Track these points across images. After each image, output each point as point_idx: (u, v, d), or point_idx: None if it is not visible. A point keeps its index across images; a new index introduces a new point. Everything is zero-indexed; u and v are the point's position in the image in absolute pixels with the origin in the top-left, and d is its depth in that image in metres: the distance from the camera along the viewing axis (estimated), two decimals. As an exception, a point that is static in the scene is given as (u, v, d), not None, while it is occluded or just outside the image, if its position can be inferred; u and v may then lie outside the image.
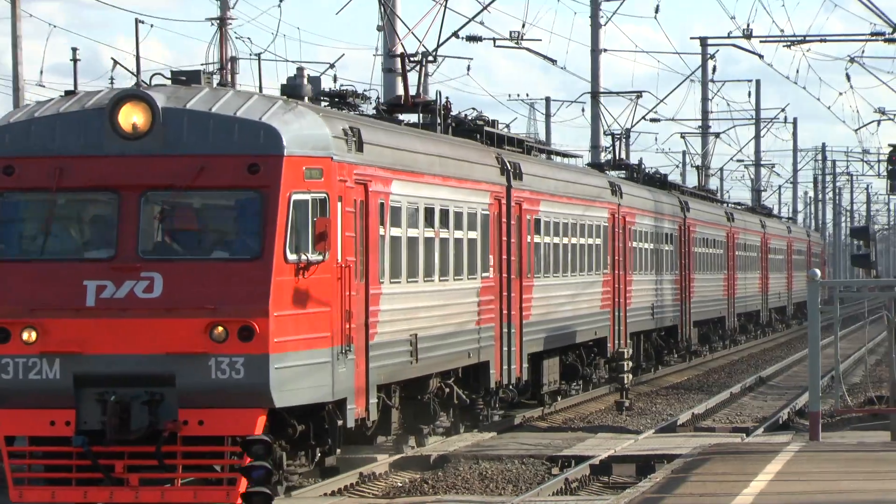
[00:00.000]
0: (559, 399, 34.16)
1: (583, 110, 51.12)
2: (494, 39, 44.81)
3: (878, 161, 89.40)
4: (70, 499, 14.05)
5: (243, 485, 13.70)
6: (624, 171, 48.16)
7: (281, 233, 14.28)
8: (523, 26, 42.68)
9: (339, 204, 15.83)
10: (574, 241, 32.76)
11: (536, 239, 28.75)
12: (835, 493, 13.10)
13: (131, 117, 14.30)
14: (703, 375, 49.36)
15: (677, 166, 66.21)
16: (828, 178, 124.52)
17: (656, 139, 76.35)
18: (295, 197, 14.55)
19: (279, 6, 37.84)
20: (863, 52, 43.16)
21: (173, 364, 13.78)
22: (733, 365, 55.97)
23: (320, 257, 14.82)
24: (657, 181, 51.30)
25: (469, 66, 65.65)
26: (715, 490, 13.37)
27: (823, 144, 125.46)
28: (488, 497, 18.79)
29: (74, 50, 24.71)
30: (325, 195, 15.20)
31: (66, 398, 13.80)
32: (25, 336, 13.95)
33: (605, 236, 36.29)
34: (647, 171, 52.05)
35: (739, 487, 13.13)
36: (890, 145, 40.67)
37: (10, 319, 14.04)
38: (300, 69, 21.47)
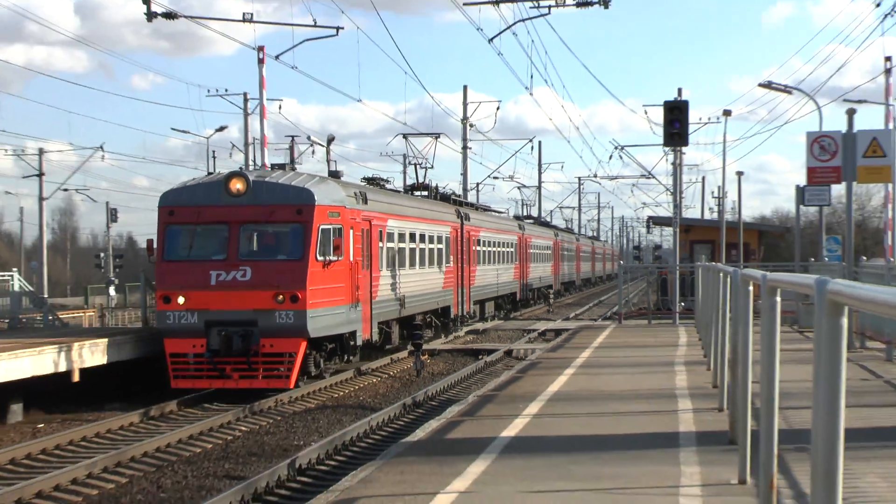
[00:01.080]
0: (496, 320, 30.98)
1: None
2: (503, 178, 48.76)
3: (644, 221, 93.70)
4: (201, 385, 12.32)
5: (294, 376, 12.07)
6: (532, 219, 46.80)
7: (314, 246, 12.41)
8: (514, 171, 47.94)
9: (351, 230, 13.86)
10: (498, 249, 30.46)
11: (477, 248, 26.35)
12: (626, 340, 14.52)
13: (236, 185, 12.40)
14: (579, 300, 48.00)
15: (566, 221, 69.46)
16: (625, 229, 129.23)
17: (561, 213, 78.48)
18: (322, 227, 12.64)
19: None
20: (637, 181, 46.00)
21: (256, 315, 11.97)
22: (589, 298, 52.46)
23: (336, 258, 12.86)
24: (545, 224, 49.23)
25: (493, 188, 70.15)
26: (586, 340, 14.42)
27: (623, 216, 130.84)
28: (501, 343, 20.53)
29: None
30: (340, 226, 13.23)
31: (201, 333, 12.04)
32: (180, 300, 12.19)
33: (515, 247, 34.01)
34: (541, 219, 50.54)
35: (594, 339, 14.67)
36: (648, 217, 45.17)
37: (172, 291, 12.29)
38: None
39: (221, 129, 35.85)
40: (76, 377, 11.52)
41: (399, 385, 14.40)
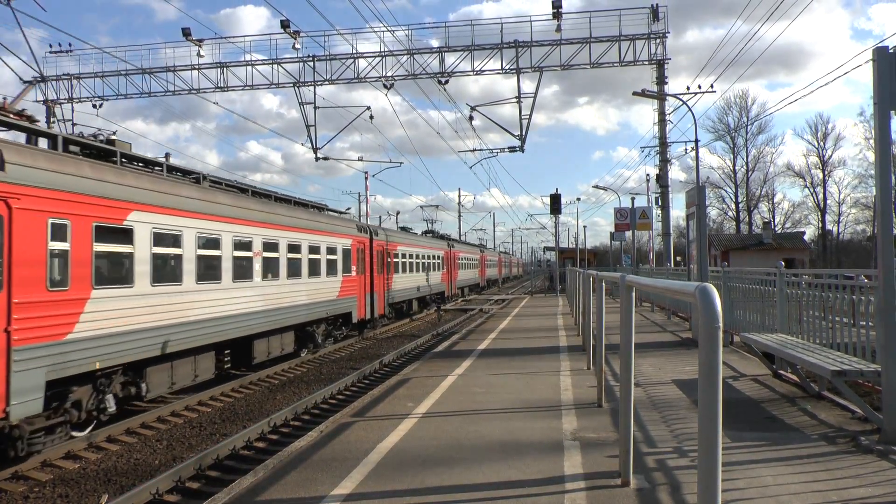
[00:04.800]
0: (474, 295, 46.29)
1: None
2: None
3: (542, 248, 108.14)
4: None
5: None
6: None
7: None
8: (483, 227, 59.87)
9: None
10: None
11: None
12: (535, 303, 25.95)
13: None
14: (511, 285, 67.19)
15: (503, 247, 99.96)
16: (531, 252, 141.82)
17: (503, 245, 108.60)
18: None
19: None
20: (539, 230, 61.31)
21: None
22: (514, 284, 73.46)
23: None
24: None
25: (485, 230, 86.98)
26: (517, 303, 24.73)
27: (532, 246, 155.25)
28: (478, 305, 33.64)
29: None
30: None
31: None
32: None
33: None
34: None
35: (521, 303, 25.53)
36: (544, 247, 65.42)
37: None
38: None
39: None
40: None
41: (429, 325, 25.49)
